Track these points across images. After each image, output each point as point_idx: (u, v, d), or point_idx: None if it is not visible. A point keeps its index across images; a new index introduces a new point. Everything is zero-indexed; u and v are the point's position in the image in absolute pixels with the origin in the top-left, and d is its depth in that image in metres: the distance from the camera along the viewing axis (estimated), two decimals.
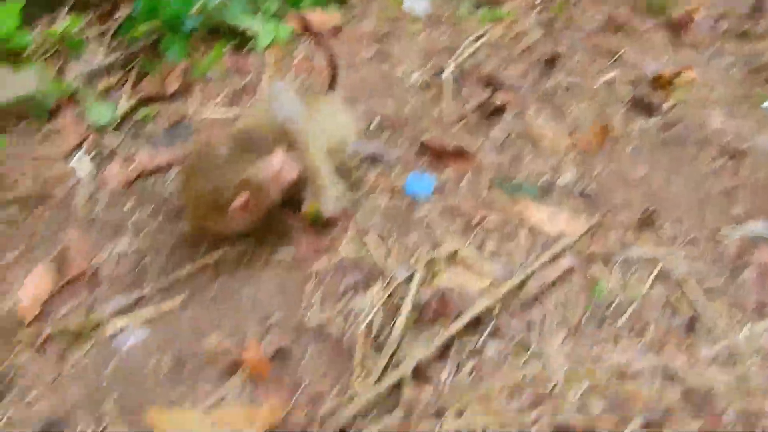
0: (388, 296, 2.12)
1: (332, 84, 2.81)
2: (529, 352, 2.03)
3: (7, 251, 2.24)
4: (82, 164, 2.63)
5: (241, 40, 3.43)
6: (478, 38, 3.65)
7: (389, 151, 2.81)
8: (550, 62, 3.42)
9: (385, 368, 1.91)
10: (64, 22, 3.05)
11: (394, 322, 2.02)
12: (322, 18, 3.71)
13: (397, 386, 1.87)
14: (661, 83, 3.26)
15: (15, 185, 2.47)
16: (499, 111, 3.07)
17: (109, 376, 1.91)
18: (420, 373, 1.91)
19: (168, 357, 1.95)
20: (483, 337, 2.03)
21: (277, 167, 2.20)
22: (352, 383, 1.89)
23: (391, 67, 3.45)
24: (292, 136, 2.33)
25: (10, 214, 2.37)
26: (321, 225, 2.35)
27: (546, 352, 2.03)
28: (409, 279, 2.18)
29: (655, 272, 2.34)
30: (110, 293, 2.13)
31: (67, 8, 3.17)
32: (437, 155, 2.78)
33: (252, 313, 2.07)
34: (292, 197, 2.31)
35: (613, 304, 2.21)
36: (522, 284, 2.21)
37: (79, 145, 2.73)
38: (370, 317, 2.05)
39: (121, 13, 3.19)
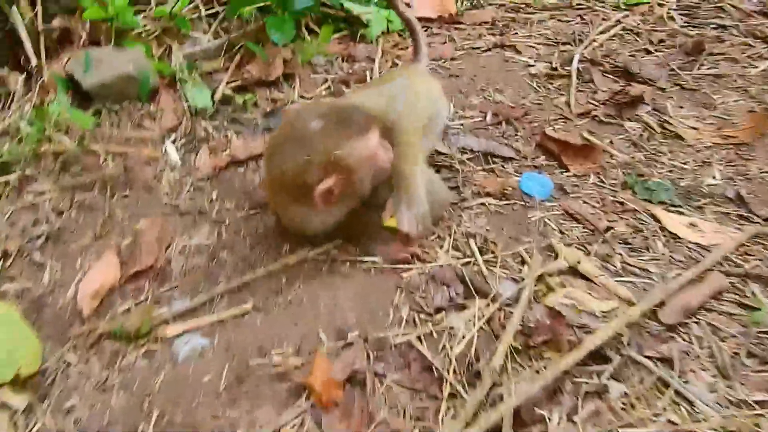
0: (490, 316, 1.63)
1: (416, 53, 2.37)
2: (667, 395, 1.48)
3: (79, 236, 1.91)
4: (173, 148, 2.30)
5: (353, 27, 3.04)
6: (611, 26, 3.09)
7: (503, 147, 2.31)
8: (696, 49, 2.79)
9: (480, 406, 1.42)
10: (174, 2, 2.74)
11: (495, 349, 1.52)
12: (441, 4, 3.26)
13: (495, 431, 1.39)
14: None
15: (101, 166, 2.16)
16: (634, 102, 2.49)
17: (158, 388, 1.52)
18: (524, 416, 1.40)
19: (227, 371, 1.54)
20: (607, 374, 1.51)
21: (372, 148, 1.76)
22: (439, 422, 1.42)
23: (514, 55, 2.94)
24: (394, 130, 1.91)
25: (90, 196, 2.05)
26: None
27: (690, 396, 1.48)
28: (517, 296, 1.68)
29: None
30: (177, 291, 1.76)
31: None
32: (560, 151, 2.25)
33: (328, 325, 1.62)
34: (375, 196, 1.88)
35: None
36: (659, 307, 1.66)
37: (174, 129, 2.39)
38: (465, 340, 1.57)
39: None
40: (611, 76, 2.72)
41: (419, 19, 3.18)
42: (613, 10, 3.19)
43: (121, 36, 2.62)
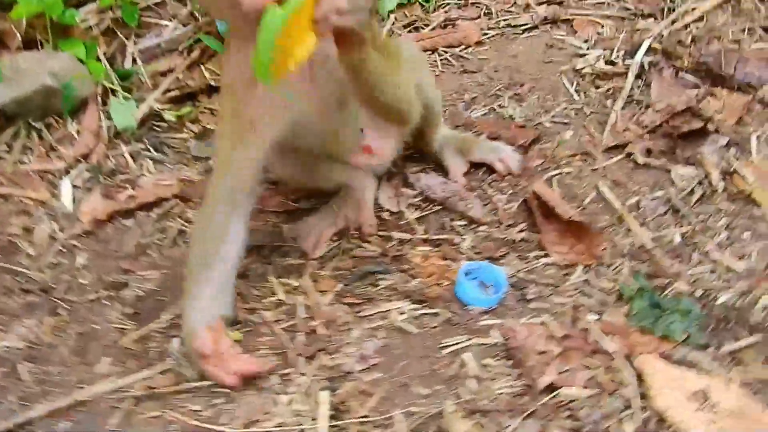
0: None
1: None
2: None
3: None
4: (68, 189, 1.86)
5: None
6: None
7: (474, 200, 1.58)
8: None
9: None
10: None
11: None
12: None
13: None
14: None
15: None
16: (701, 132, 1.62)
17: None
18: None
19: None
20: None
21: None
22: None
23: (565, 36, 2.09)
24: None
25: None
26: None
27: None
28: None
29: None
30: None
31: None
32: (543, 220, 1.49)
33: None
34: None
35: None
36: None
37: (86, 156, 1.95)
38: None
39: None
40: (692, 77, 1.81)
41: None
42: None
43: (66, 34, 2.19)
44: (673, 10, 2.06)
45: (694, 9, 2.03)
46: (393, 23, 2.25)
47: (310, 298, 1.42)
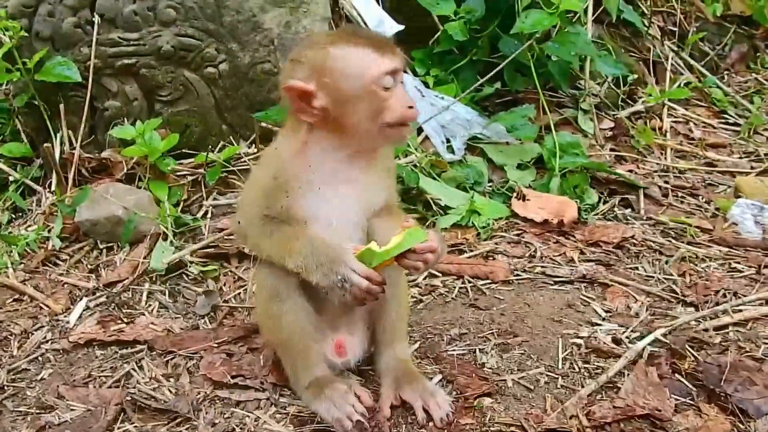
0: None
1: None
2: None
3: None
4: (81, 307, 2.07)
5: (430, 211, 2.43)
6: None
7: None
8: None
9: None
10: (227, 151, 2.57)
11: None
12: None
13: None
14: None
15: None
16: None
17: None
18: None
19: None
20: None
21: (381, 70, 1.45)
22: None
23: (593, 299, 1.98)
24: None
25: None
26: None
27: None
28: None
29: None
30: None
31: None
32: None
33: None
34: None
35: None
36: None
37: (112, 285, 2.17)
38: None
39: None
40: (687, 384, 1.62)
41: (524, 219, 2.43)
42: None
43: (160, 177, 2.53)
44: (720, 304, 1.90)
45: (738, 311, 1.85)
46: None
47: None
